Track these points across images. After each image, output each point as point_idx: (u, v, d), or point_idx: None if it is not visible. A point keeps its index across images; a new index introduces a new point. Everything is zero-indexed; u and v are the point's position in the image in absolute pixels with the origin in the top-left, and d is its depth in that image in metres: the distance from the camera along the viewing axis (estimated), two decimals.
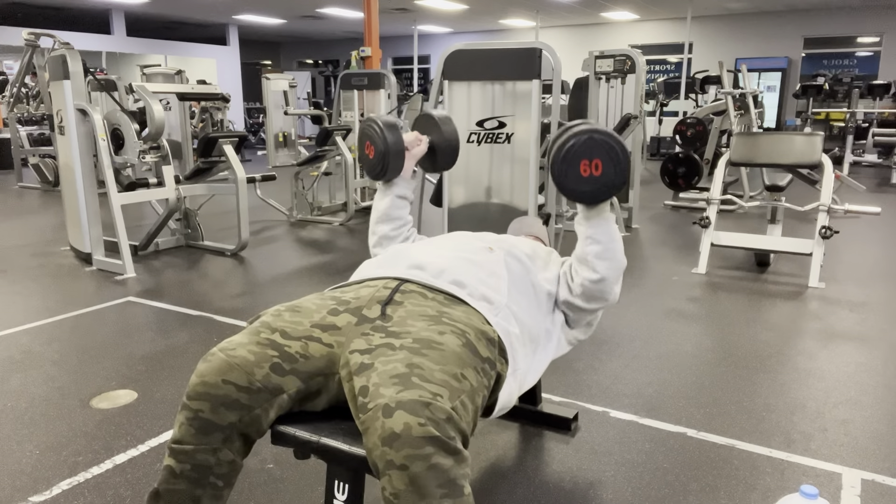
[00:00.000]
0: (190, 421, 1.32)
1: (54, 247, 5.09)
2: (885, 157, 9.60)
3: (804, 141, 4.29)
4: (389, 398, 1.17)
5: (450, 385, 1.23)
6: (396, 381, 1.21)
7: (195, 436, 1.32)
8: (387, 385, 1.21)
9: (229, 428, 1.32)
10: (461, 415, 1.21)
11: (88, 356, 2.97)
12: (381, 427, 1.15)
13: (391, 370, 1.24)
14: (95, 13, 12.54)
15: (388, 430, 1.14)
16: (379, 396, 1.19)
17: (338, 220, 6.25)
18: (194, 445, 1.32)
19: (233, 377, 1.32)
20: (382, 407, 1.16)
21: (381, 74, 6.96)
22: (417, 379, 1.21)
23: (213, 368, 1.33)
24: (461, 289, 1.54)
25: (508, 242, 1.82)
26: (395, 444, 1.12)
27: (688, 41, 11.11)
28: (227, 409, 1.31)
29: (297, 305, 1.50)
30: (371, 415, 1.18)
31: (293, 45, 19.13)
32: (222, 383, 1.31)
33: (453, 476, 1.14)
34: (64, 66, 4.28)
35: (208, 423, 1.31)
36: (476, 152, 3.58)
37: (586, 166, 1.25)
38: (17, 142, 8.56)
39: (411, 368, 1.24)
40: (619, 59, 5.96)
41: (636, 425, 2.34)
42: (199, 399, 1.32)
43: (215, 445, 1.32)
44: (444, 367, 1.27)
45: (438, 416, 1.15)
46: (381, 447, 1.14)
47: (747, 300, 3.80)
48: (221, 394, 1.31)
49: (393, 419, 1.14)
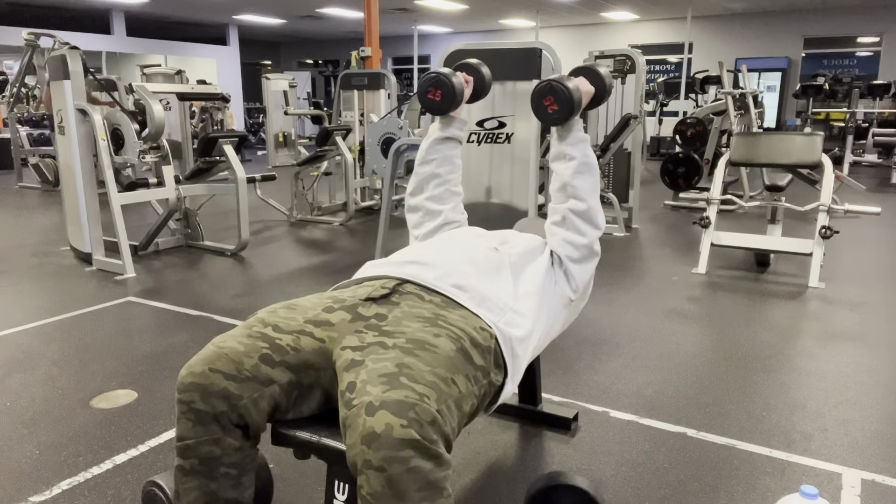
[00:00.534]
0: (185, 414, 1.32)
1: (54, 247, 5.09)
2: (885, 157, 9.60)
3: (804, 141, 4.29)
4: (374, 396, 1.16)
5: (438, 388, 1.22)
6: (384, 379, 1.20)
7: (193, 428, 1.32)
8: (374, 383, 1.20)
9: (223, 416, 1.32)
10: (446, 418, 1.19)
11: (88, 356, 2.97)
12: (362, 425, 1.13)
13: (380, 368, 1.23)
14: (95, 13, 12.54)
15: (368, 429, 1.12)
16: (365, 394, 1.18)
17: (338, 220, 6.25)
18: (195, 438, 1.32)
19: (219, 366, 1.32)
20: (366, 405, 1.15)
21: (381, 74, 6.97)
22: (406, 379, 1.20)
23: (200, 358, 1.34)
24: (462, 292, 1.53)
25: (514, 240, 1.82)
26: (374, 445, 1.11)
27: (688, 41, 11.10)
28: (217, 399, 1.31)
29: (294, 303, 1.50)
30: (354, 412, 1.17)
31: (293, 45, 19.13)
32: (209, 372, 1.31)
33: (433, 479, 1.13)
34: (64, 66, 4.29)
35: (202, 414, 1.31)
36: (476, 152, 3.58)
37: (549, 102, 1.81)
38: (17, 142, 8.56)
39: (401, 368, 1.23)
40: (619, 59, 5.96)
41: (636, 425, 2.34)
42: (189, 390, 1.31)
43: (216, 435, 1.32)
44: (435, 369, 1.26)
45: (423, 418, 1.14)
46: (360, 445, 1.13)
47: (747, 300, 3.80)
48: (209, 382, 1.31)
49: (375, 418, 1.13)
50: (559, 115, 1.81)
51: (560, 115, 1.81)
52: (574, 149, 1.82)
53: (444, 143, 2.06)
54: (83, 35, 11.44)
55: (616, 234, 5.55)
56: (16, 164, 8.71)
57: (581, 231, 1.80)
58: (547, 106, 1.81)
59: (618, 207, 5.68)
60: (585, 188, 1.80)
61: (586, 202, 1.80)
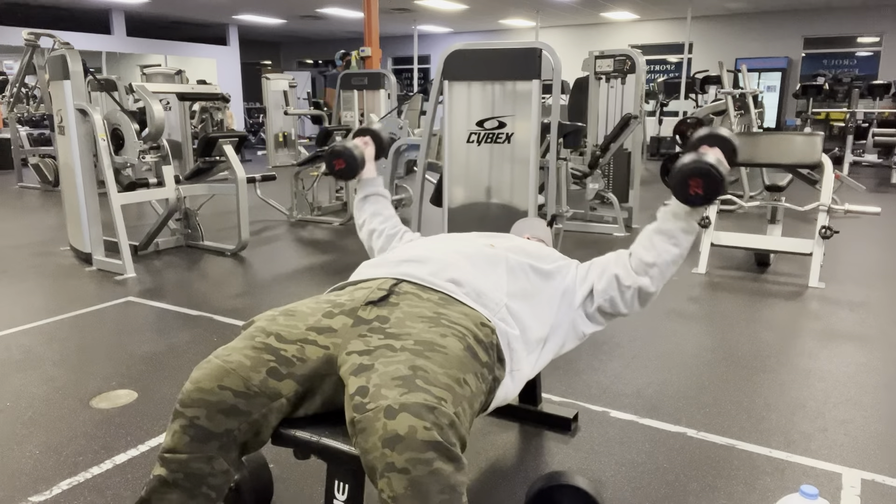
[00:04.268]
0: (185, 429, 1.29)
1: (54, 247, 5.09)
2: (885, 157, 9.60)
3: (804, 141, 4.29)
4: (393, 399, 1.16)
5: (453, 390, 1.22)
6: (399, 382, 1.19)
7: (190, 444, 1.29)
8: (389, 386, 1.19)
9: (226, 435, 1.29)
10: (462, 421, 1.20)
11: (88, 356, 2.97)
12: (382, 428, 1.13)
13: (393, 371, 1.23)
14: (95, 13, 12.54)
15: (390, 432, 1.12)
16: (380, 397, 1.17)
17: (338, 220, 6.25)
18: (189, 454, 1.29)
19: (229, 382, 1.29)
20: (385, 408, 1.15)
21: (381, 74, 6.97)
22: (422, 382, 1.20)
23: (208, 374, 1.31)
24: (458, 287, 1.53)
25: (511, 242, 1.81)
26: (398, 447, 1.11)
27: (688, 41, 11.11)
28: (225, 416, 1.29)
29: (292, 309, 1.48)
30: (371, 415, 1.16)
31: (293, 45, 19.12)
32: (218, 389, 1.29)
33: (453, 482, 1.13)
34: (64, 66, 4.29)
35: (204, 431, 1.28)
36: (476, 152, 3.58)
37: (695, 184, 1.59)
38: (17, 142, 8.56)
39: (415, 370, 1.22)
40: (619, 59, 5.96)
41: (636, 425, 2.34)
42: (195, 406, 1.29)
43: (211, 454, 1.29)
44: (448, 370, 1.26)
45: (443, 422, 1.14)
46: (382, 449, 1.12)
47: (747, 300, 3.80)
48: (217, 400, 1.28)
49: (396, 421, 1.12)
50: (700, 201, 1.61)
51: (701, 201, 1.61)
52: (684, 237, 1.67)
53: (366, 201, 2.16)
54: (83, 35, 11.44)
55: (616, 234, 5.55)
56: (16, 164, 8.70)
57: (630, 305, 1.71)
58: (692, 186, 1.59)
59: (618, 207, 5.68)
60: (665, 277, 1.70)
61: (656, 289, 1.70)
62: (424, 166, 3.92)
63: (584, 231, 5.69)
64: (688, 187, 1.59)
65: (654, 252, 1.67)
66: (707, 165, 1.58)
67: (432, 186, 4.34)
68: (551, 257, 1.79)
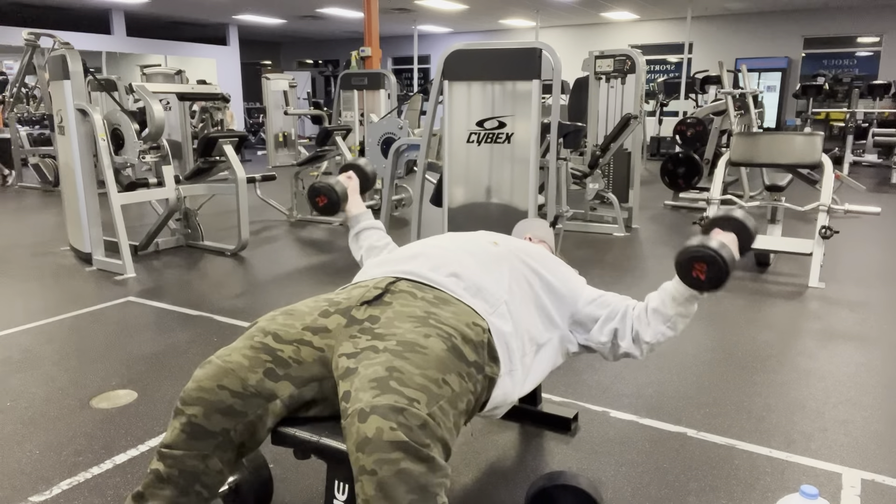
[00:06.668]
0: (183, 426, 1.31)
1: (54, 247, 5.09)
2: (885, 157, 9.60)
3: (804, 141, 4.29)
4: (366, 403, 1.17)
5: (429, 390, 1.22)
6: (374, 384, 1.20)
7: (187, 441, 1.31)
8: (365, 389, 1.20)
9: (221, 434, 1.31)
10: (439, 421, 1.19)
11: (88, 356, 2.97)
12: (355, 432, 1.14)
13: (371, 374, 1.24)
14: (95, 13, 12.54)
15: (361, 436, 1.13)
16: (357, 401, 1.19)
17: (338, 220, 6.25)
18: (184, 451, 1.31)
19: (227, 382, 1.32)
20: (358, 412, 1.16)
21: (381, 74, 6.97)
22: (395, 383, 1.20)
23: (209, 374, 1.33)
24: (458, 281, 1.53)
25: (515, 243, 1.82)
26: (367, 449, 1.12)
27: (688, 41, 11.11)
28: (222, 416, 1.31)
29: (292, 309, 1.50)
30: (349, 420, 1.18)
31: (293, 45, 19.12)
32: (217, 389, 1.31)
33: (424, 483, 1.12)
34: (64, 66, 4.28)
35: (201, 429, 1.31)
36: (476, 152, 3.58)
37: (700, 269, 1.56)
38: (17, 142, 8.56)
39: (391, 372, 1.23)
40: (619, 59, 5.96)
41: (636, 425, 2.34)
42: (194, 404, 1.31)
43: (206, 452, 1.32)
44: (425, 371, 1.26)
45: (412, 422, 1.14)
46: (356, 453, 1.13)
47: (747, 300, 3.80)
48: (216, 399, 1.31)
49: (366, 424, 1.14)
50: (703, 287, 1.58)
51: (704, 287, 1.58)
52: (680, 322, 1.68)
53: (359, 237, 2.12)
54: (83, 35, 11.43)
55: (616, 234, 5.55)
56: (16, 164, 8.70)
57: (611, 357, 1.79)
58: (695, 269, 1.55)
59: (618, 207, 5.67)
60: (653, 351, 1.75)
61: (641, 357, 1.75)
62: (424, 166, 3.92)
63: (584, 231, 5.68)
64: (691, 269, 1.56)
65: (650, 332, 1.70)
66: (712, 252, 1.52)
67: (432, 186, 4.34)
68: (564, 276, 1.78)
